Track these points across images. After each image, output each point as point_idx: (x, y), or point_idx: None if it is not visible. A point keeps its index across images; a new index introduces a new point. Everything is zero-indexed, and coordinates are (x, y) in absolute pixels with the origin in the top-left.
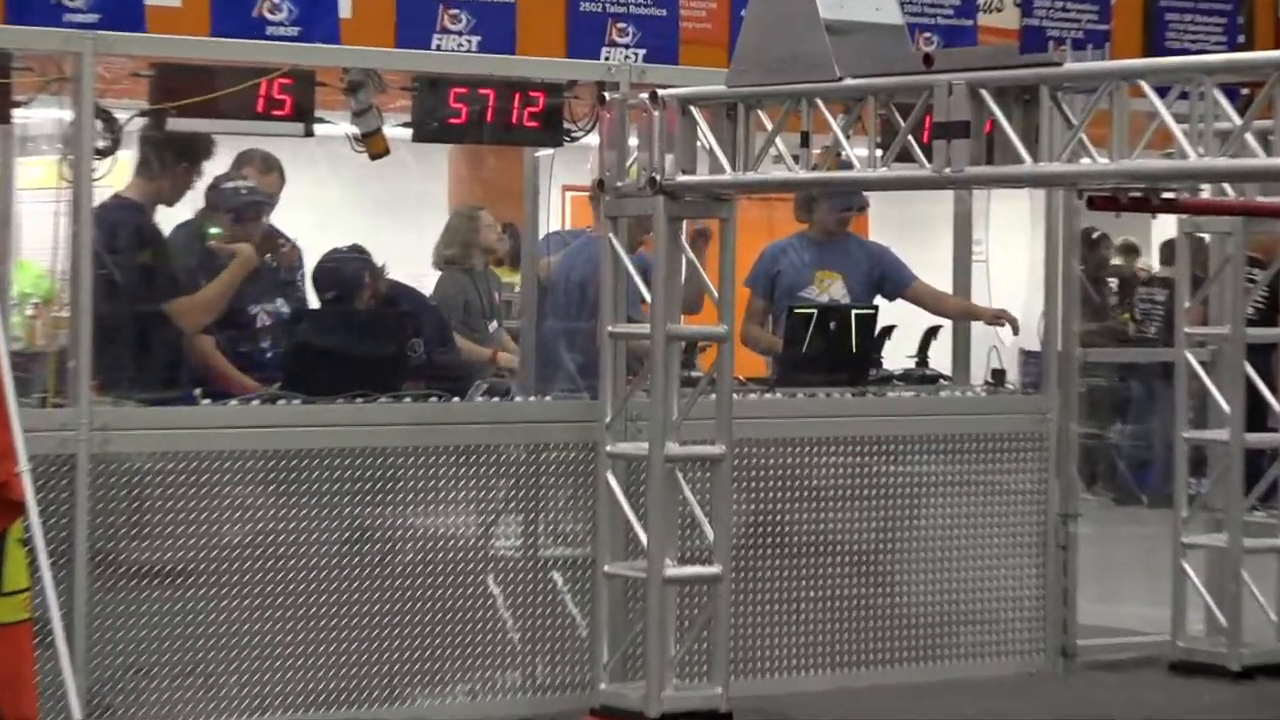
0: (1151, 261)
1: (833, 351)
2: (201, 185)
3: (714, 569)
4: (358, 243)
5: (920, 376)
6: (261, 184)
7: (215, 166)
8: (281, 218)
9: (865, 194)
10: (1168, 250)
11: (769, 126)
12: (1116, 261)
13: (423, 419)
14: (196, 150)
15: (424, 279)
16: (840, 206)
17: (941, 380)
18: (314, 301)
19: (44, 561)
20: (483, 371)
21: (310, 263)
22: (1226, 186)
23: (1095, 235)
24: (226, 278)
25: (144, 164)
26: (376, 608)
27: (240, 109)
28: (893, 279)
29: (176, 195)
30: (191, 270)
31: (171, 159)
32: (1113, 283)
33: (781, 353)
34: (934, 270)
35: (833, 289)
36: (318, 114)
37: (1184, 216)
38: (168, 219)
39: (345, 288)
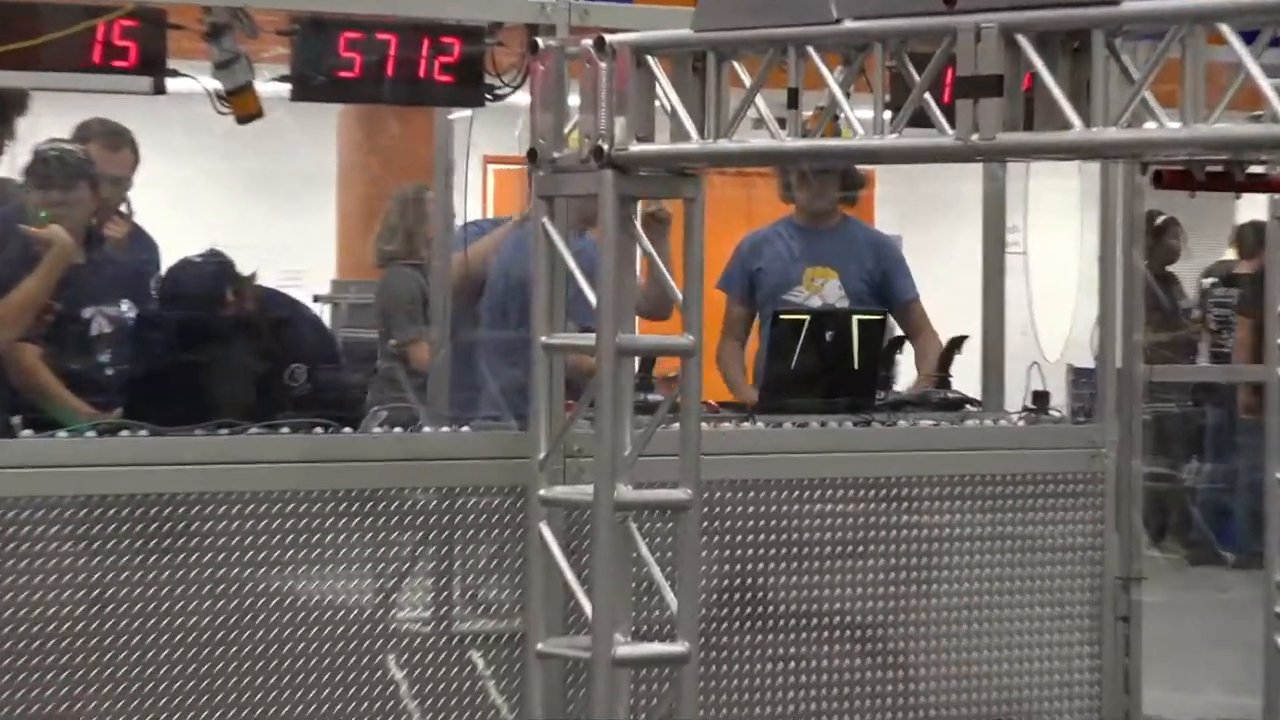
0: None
1: (829, 369)
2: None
3: (678, 647)
4: (215, 248)
5: (941, 400)
6: (108, 164)
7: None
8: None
9: (866, 168)
10: (1247, 237)
11: (747, 82)
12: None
13: (305, 456)
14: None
15: (308, 277)
16: (831, 182)
17: (968, 405)
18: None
19: None
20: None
21: (168, 257)
22: None
23: (1161, 221)
24: (40, 274)
25: None
26: (245, 694)
27: (71, 58)
28: (896, 286)
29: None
30: (12, 264)
31: None
32: (1206, 282)
33: (764, 371)
34: (957, 267)
35: (825, 290)
36: (170, 65)
37: (1276, 196)
38: None
39: (197, 305)
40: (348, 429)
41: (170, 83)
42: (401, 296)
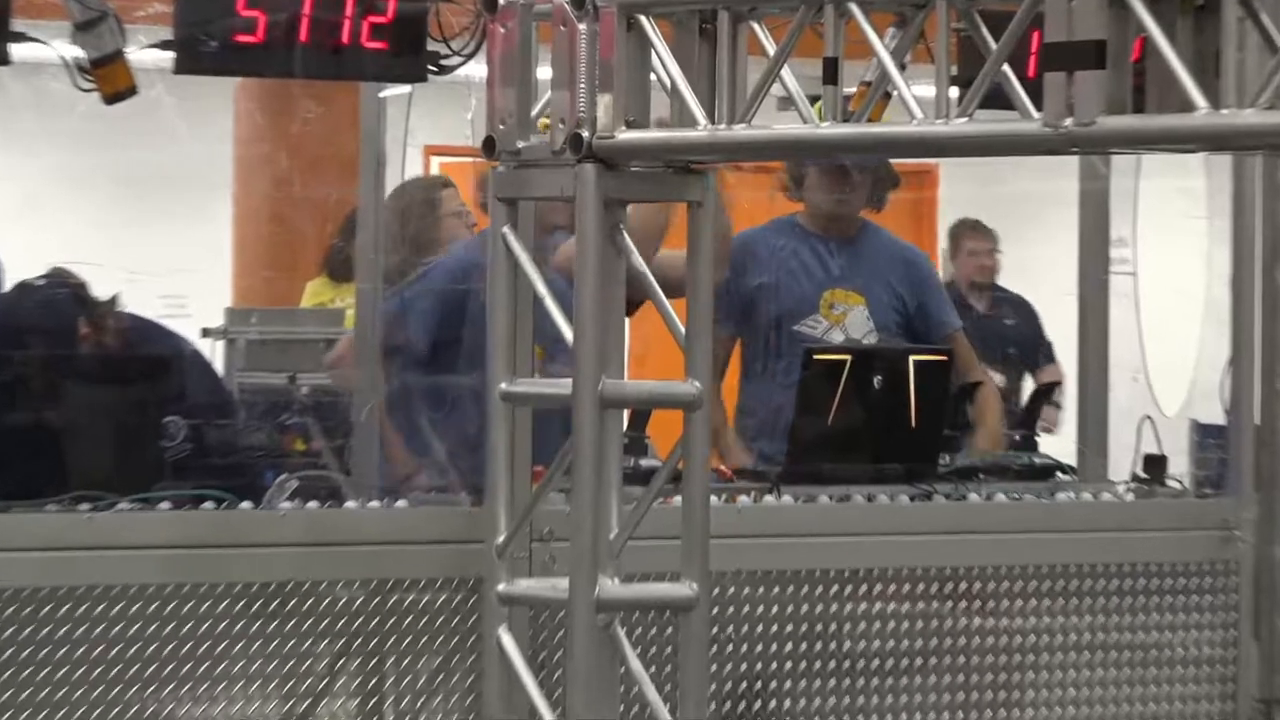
0: None
1: (879, 425)
2: None
3: None
4: (61, 267)
5: (1025, 468)
6: None
7: None
8: None
9: (920, 161)
10: None
11: (770, 51)
12: None
13: (189, 540)
14: None
15: (194, 305)
16: (861, 179)
17: (1060, 474)
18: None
19: None
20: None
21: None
22: None
23: None
24: None
25: None
26: None
27: None
28: (933, 316)
29: None
30: None
31: None
32: None
33: (793, 427)
34: (1047, 292)
35: (850, 320)
36: (16, 29)
37: None
38: None
39: (44, 342)
40: (246, 503)
41: (15, 50)
42: None
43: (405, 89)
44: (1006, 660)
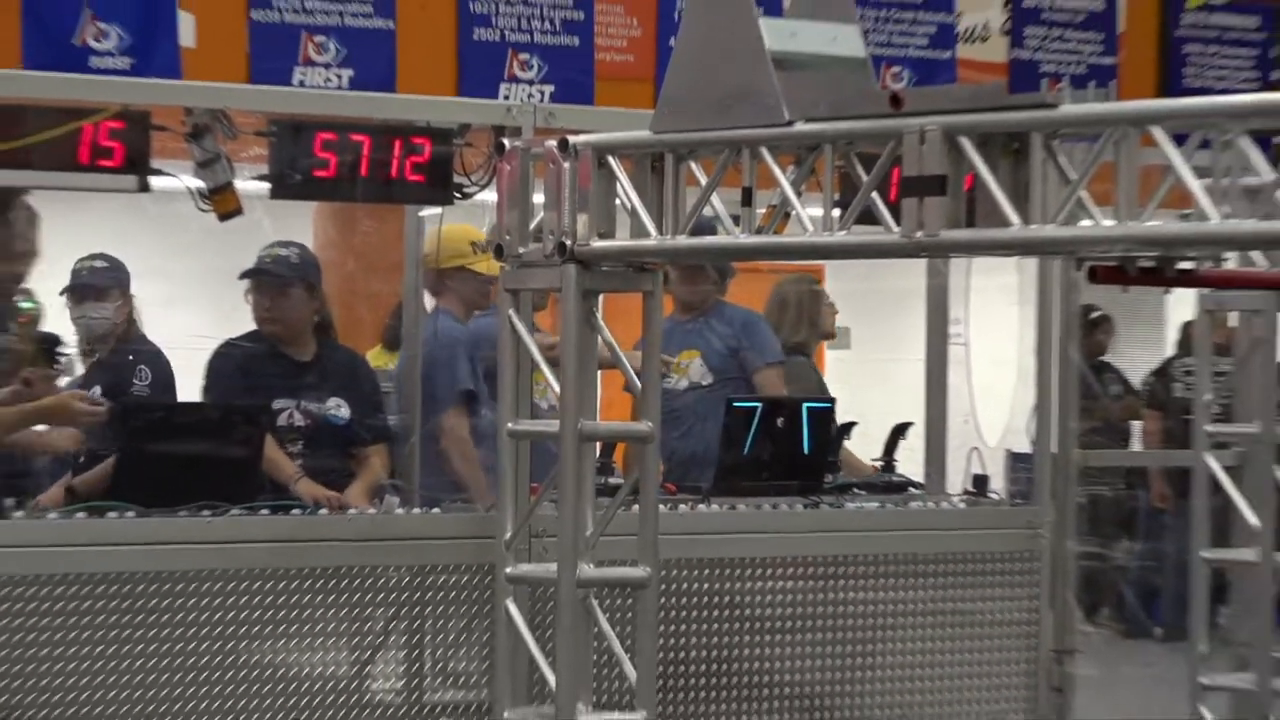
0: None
1: (780, 454)
2: None
3: (637, 716)
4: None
5: (886, 484)
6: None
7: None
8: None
9: (817, 263)
10: (1187, 333)
11: (703, 181)
12: None
13: (284, 536)
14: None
15: None
16: (703, 276)
17: (912, 489)
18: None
19: None
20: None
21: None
22: (1256, 255)
23: (1095, 316)
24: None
25: None
26: None
27: (59, 158)
28: (748, 357)
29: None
30: None
31: None
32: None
33: (719, 457)
34: (906, 355)
35: (691, 370)
36: (154, 165)
37: (1205, 291)
38: None
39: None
40: (323, 511)
41: (154, 181)
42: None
43: (437, 210)
44: (870, 621)
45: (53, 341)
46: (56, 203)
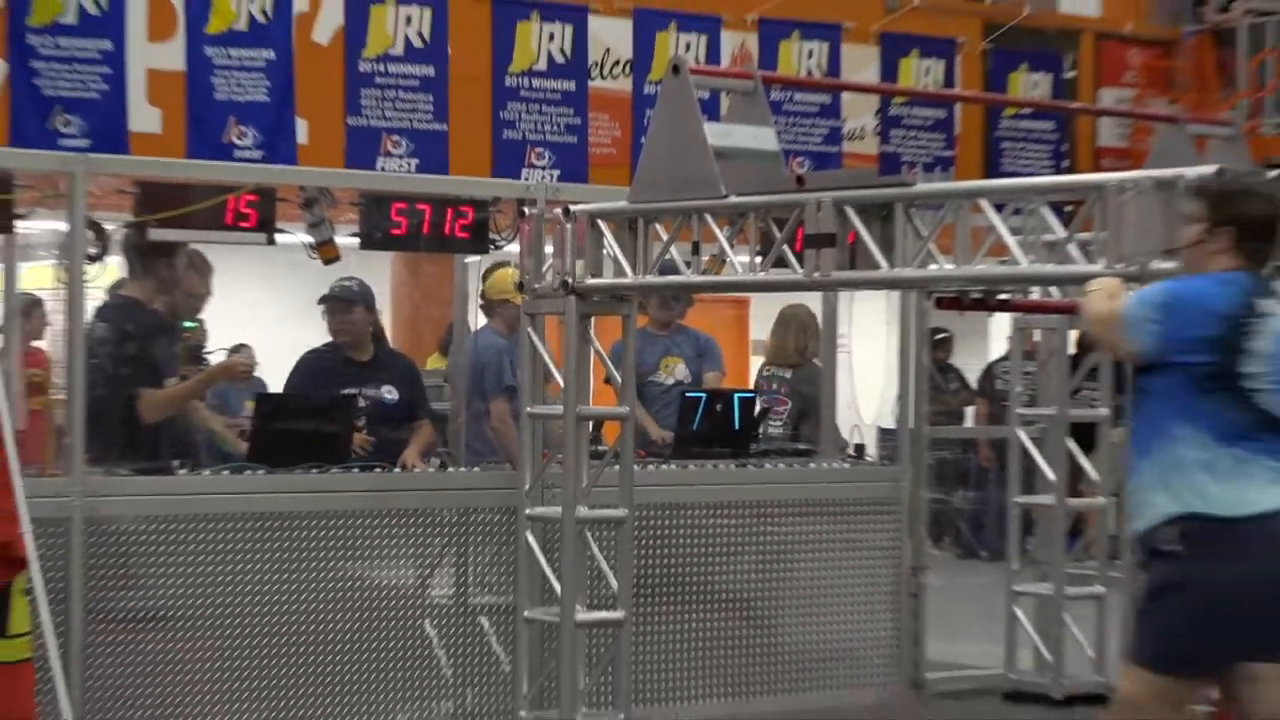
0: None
1: (720, 429)
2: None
3: (617, 614)
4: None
5: (794, 450)
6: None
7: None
8: (247, 318)
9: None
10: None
11: (664, 237)
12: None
13: (371, 487)
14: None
15: None
16: (674, 304)
17: (812, 453)
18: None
19: (44, 609)
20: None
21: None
22: (1053, 290)
23: (940, 336)
24: (192, 385)
25: (131, 268)
26: (331, 648)
27: (211, 221)
28: (705, 364)
29: (187, 303)
30: (171, 361)
31: (154, 263)
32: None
33: (676, 430)
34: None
35: (676, 370)
36: (278, 225)
37: (1018, 315)
38: None
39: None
40: (398, 469)
41: (278, 237)
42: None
43: (477, 258)
44: (783, 547)
45: (199, 348)
46: (210, 252)
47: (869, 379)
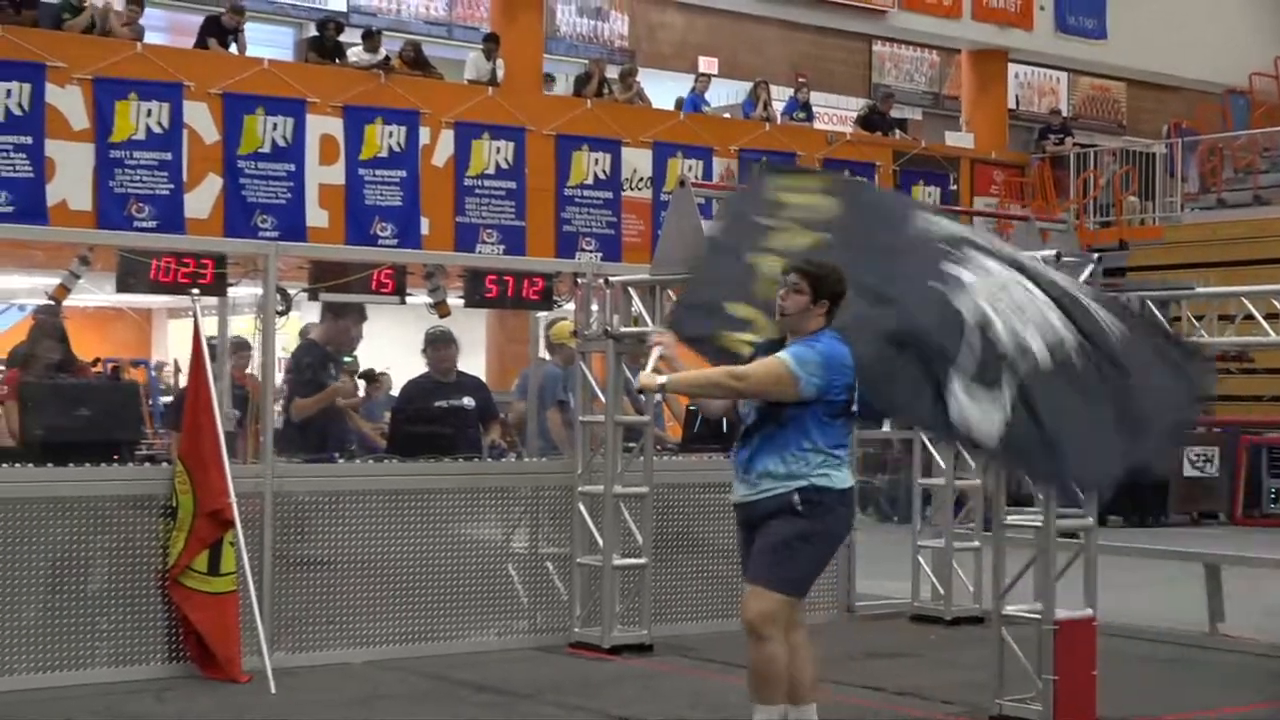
0: None
1: (713, 431)
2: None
3: (642, 560)
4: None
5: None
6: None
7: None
8: (387, 354)
9: None
10: None
11: (674, 299)
12: None
13: (472, 471)
14: (349, 311)
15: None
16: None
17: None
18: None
19: (244, 555)
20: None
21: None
22: None
23: None
24: (317, 399)
25: (321, 318)
26: (445, 584)
27: (362, 287)
28: None
29: (348, 342)
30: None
31: (329, 316)
32: None
33: (683, 431)
34: None
35: None
36: (408, 290)
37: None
38: None
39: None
40: (489, 459)
41: (408, 299)
42: None
43: (545, 314)
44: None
45: (354, 373)
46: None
47: None
